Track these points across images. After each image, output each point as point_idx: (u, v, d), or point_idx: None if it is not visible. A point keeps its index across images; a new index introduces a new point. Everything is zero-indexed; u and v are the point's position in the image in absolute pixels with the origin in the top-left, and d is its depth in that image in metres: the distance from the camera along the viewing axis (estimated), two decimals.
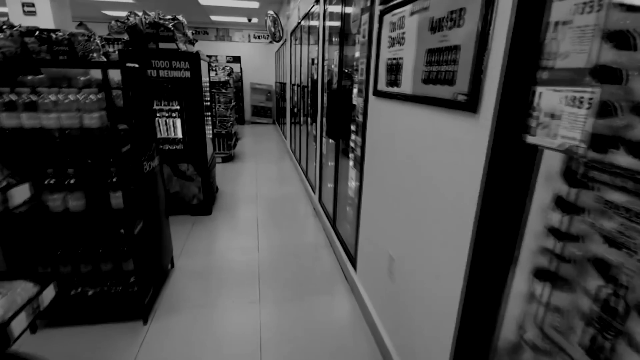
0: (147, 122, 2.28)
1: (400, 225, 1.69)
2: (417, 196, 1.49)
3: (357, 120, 2.37)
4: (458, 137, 1.18)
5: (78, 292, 2.16)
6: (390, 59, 1.72)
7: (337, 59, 2.82)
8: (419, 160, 1.47)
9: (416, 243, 1.52)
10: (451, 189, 1.23)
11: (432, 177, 1.36)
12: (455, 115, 1.20)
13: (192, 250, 3.10)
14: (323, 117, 3.55)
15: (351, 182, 3.16)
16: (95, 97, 1.90)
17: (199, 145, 3.67)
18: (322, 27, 3.42)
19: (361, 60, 2.23)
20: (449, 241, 1.25)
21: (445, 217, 1.27)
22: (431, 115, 1.36)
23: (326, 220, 3.47)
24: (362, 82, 2.21)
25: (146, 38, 3.30)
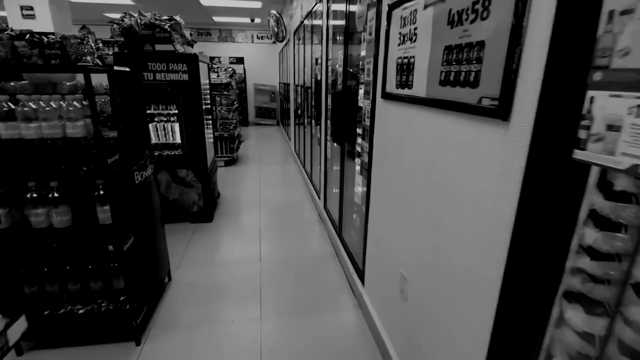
0: (139, 129, 2.14)
1: (413, 244, 1.52)
2: (434, 214, 1.32)
3: (363, 124, 2.21)
4: (483, 149, 1.01)
5: (67, 311, 2.02)
6: (400, 58, 1.55)
7: (342, 58, 2.65)
8: (436, 173, 1.30)
9: (433, 265, 1.34)
10: (475, 206, 1.06)
11: (452, 193, 1.19)
12: (479, 123, 1.02)
13: (191, 261, 2.96)
14: (327, 120, 3.39)
15: (358, 188, 2.99)
16: (80, 103, 1.75)
17: (199, 151, 3.53)
18: (326, 25, 3.25)
19: (367, 59, 2.06)
20: (475, 267, 1.08)
21: (472, 241, 1.09)
22: (449, 122, 1.19)
23: (332, 228, 3.31)
24: (369, 83, 2.04)
25: (142, 40, 3.17)
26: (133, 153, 1.99)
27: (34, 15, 5.64)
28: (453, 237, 1.19)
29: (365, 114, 2.16)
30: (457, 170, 1.15)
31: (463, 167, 1.12)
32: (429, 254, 1.37)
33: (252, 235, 3.45)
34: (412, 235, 1.53)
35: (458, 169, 1.15)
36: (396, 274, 1.72)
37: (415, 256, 1.51)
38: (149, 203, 2.24)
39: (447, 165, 1.21)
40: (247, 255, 3.05)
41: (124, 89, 1.97)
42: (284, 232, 3.56)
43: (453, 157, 1.17)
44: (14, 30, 2.68)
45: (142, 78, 3.22)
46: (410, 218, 1.54)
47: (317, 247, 3.24)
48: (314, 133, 4.51)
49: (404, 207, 1.61)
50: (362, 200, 3.04)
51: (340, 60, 2.71)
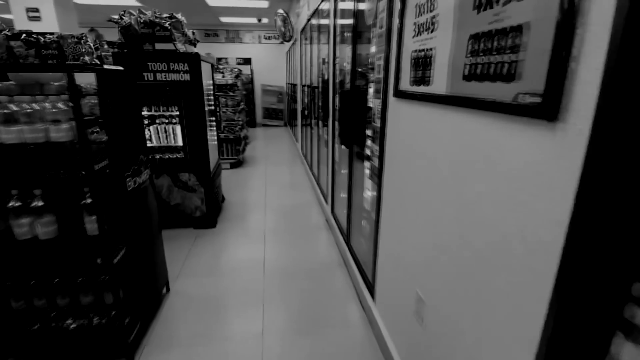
0: (133, 132, 2.00)
1: (432, 265, 1.34)
2: (457, 231, 1.14)
3: (373, 125, 2.03)
4: (521, 157, 0.83)
5: (57, 326, 1.89)
6: (416, 52, 1.37)
7: (350, 56, 2.48)
8: (459, 184, 1.12)
9: (458, 292, 1.16)
10: (511, 231, 0.88)
11: (481, 209, 1.01)
12: (515, 125, 0.85)
13: (192, 270, 2.82)
14: (335, 121, 3.22)
15: (367, 193, 2.82)
16: (66, 105, 1.62)
17: (201, 154, 3.40)
18: (333, 22, 3.09)
19: (378, 55, 1.89)
20: (512, 298, 0.90)
21: (507, 267, 0.91)
22: (476, 123, 1.01)
23: (339, 235, 3.14)
24: (380, 81, 1.87)
25: (141, 39, 3.05)
26: (125, 158, 1.85)
27: (39, 17, 5.60)
28: (483, 266, 1.01)
29: (375, 114, 1.99)
30: (487, 182, 0.97)
31: (494, 179, 0.94)
32: (453, 280, 1.19)
33: (257, 242, 3.30)
34: (430, 255, 1.35)
35: (487, 180, 0.97)
36: (411, 293, 1.54)
37: (434, 279, 1.33)
38: (144, 211, 2.10)
39: (475, 176, 1.03)
40: (250, 265, 2.90)
41: (116, 90, 1.83)
42: (290, 239, 3.40)
43: (481, 165, 1.00)
44: (9, 29, 2.58)
45: (142, 78, 3.10)
46: (428, 235, 1.36)
47: (323, 256, 3.07)
48: (321, 134, 4.34)
49: (419, 221, 1.43)
50: (371, 206, 2.86)
51: (349, 58, 2.54)
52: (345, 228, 2.92)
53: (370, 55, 2.36)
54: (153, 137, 3.37)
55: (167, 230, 3.50)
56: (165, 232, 3.48)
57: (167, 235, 3.41)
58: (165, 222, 3.53)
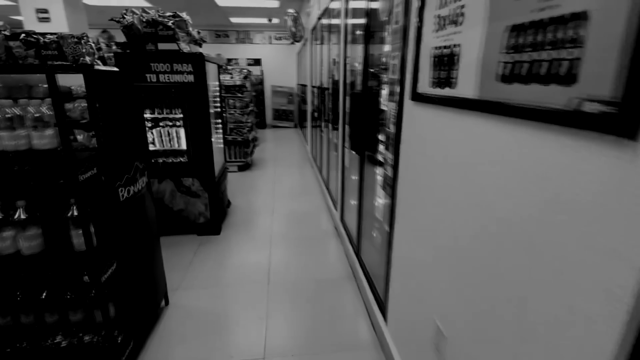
0: (128, 137, 1.87)
1: (454, 293, 1.16)
2: (487, 269, 0.96)
3: (387, 130, 1.85)
4: (586, 185, 0.64)
5: (48, 345, 1.77)
6: (438, 49, 1.19)
7: (362, 55, 2.31)
8: (494, 206, 0.93)
9: (489, 332, 0.98)
10: (574, 270, 0.69)
11: (526, 242, 0.82)
12: (576, 141, 0.66)
13: (194, 280, 2.68)
14: (345, 124, 3.05)
15: (378, 201, 2.64)
16: (50, 110, 1.49)
17: (205, 158, 3.26)
18: (344, 20, 2.92)
19: (393, 54, 1.71)
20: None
21: (568, 324, 0.73)
22: (517, 136, 0.83)
23: (349, 245, 2.96)
24: (395, 82, 1.69)
25: (144, 38, 2.93)
26: (117, 166, 1.72)
27: (49, 18, 5.59)
28: (528, 320, 0.83)
29: (389, 118, 1.81)
30: (532, 208, 0.79)
31: (544, 205, 0.75)
32: (480, 319, 1.01)
33: (262, 251, 3.14)
34: (453, 286, 1.17)
35: (533, 206, 0.78)
36: (428, 321, 1.35)
37: (456, 312, 1.15)
38: (139, 222, 1.96)
39: (517, 197, 0.85)
40: (254, 276, 2.74)
41: (109, 92, 1.70)
42: (297, 248, 3.24)
43: (526, 186, 0.81)
44: (7, 29, 2.49)
45: (145, 80, 2.98)
46: (450, 264, 1.18)
47: (332, 267, 2.89)
48: (330, 138, 4.17)
49: (440, 245, 1.25)
50: (384, 217, 2.67)
51: (360, 58, 2.37)
52: (356, 238, 2.74)
53: (384, 55, 2.18)
54: (156, 140, 3.25)
55: (170, 237, 3.38)
56: (168, 239, 3.38)
57: (169, 242, 3.30)
58: (168, 228, 3.42)
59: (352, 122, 2.53)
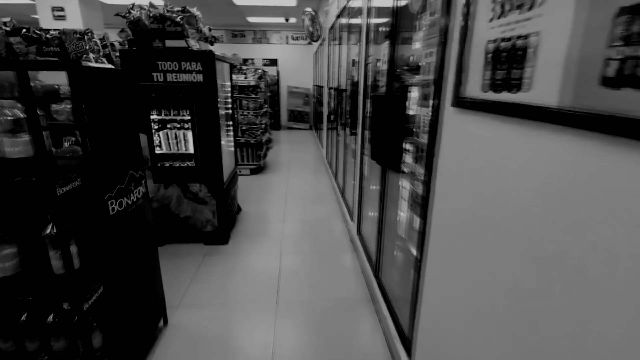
0: (122, 143, 1.66)
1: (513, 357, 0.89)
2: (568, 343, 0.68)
3: (417, 140, 1.59)
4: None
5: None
6: (496, 42, 0.92)
7: (387, 53, 2.05)
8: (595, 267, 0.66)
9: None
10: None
11: None
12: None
13: (196, 297, 2.47)
14: (365, 130, 2.79)
15: (402, 216, 2.37)
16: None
17: (214, 162, 3.06)
18: (366, 15, 2.66)
19: (428, 51, 1.45)
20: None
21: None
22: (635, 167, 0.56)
23: (366, 263, 2.69)
24: (429, 84, 1.42)
25: (150, 35, 2.74)
26: (107, 175, 1.51)
27: (64, 16, 5.53)
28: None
29: (420, 127, 1.54)
30: None
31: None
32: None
33: (271, 265, 2.91)
34: (510, 350, 0.89)
35: None
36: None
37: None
38: (133, 237, 1.75)
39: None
40: (262, 295, 2.51)
41: (101, 93, 1.49)
42: (309, 263, 2.99)
43: None
44: (7, 24, 2.36)
45: (151, 79, 2.79)
46: (506, 320, 0.90)
47: (347, 287, 2.63)
48: (347, 143, 3.91)
49: (495, 299, 0.98)
50: (408, 234, 2.40)
51: (385, 57, 2.10)
52: (375, 256, 2.47)
53: (414, 54, 1.91)
54: (163, 143, 3.07)
55: (175, 245, 3.19)
56: (173, 247, 3.19)
57: (173, 251, 3.11)
58: (173, 235, 3.23)
59: (374, 128, 2.27)
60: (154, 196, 3.09)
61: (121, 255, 1.63)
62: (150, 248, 1.96)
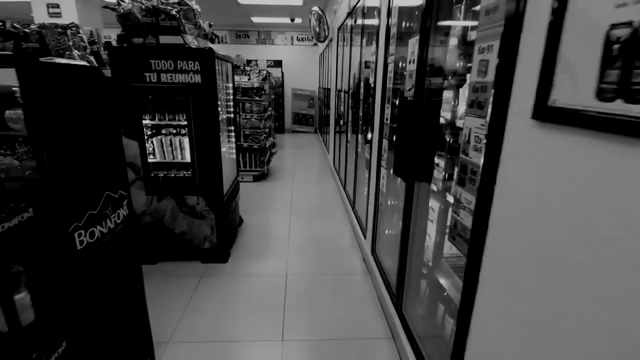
0: (99, 157, 1.35)
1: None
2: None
3: (465, 158, 1.26)
4: None
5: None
6: (627, 27, 0.60)
7: (416, 52, 1.73)
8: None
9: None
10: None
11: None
12: None
13: (190, 330, 2.15)
14: (383, 138, 2.47)
15: (430, 244, 2.04)
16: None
17: (213, 172, 2.75)
18: (387, 8, 2.34)
19: (483, 44, 1.13)
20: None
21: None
22: None
23: (384, 291, 2.36)
24: (485, 87, 1.10)
25: (143, 30, 2.44)
26: (73, 201, 1.20)
27: (60, 13, 5.27)
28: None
29: (470, 142, 1.22)
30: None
31: None
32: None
33: (276, 290, 2.59)
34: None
35: None
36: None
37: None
38: (110, 272, 1.44)
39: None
40: (266, 330, 2.18)
41: (66, 96, 1.18)
42: (318, 287, 2.66)
43: None
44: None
45: (143, 79, 2.49)
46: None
47: (362, 320, 2.30)
48: (360, 151, 3.59)
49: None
50: (435, 262, 2.08)
51: (414, 56, 1.78)
52: (395, 285, 2.15)
53: (456, 50, 1.60)
54: (156, 151, 2.76)
55: (169, 264, 2.88)
56: (166, 266, 2.88)
57: (167, 271, 2.79)
58: (167, 253, 2.92)
59: (400, 138, 1.95)
60: (146, 209, 2.78)
61: (92, 298, 1.32)
62: (134, 282, 1.65)
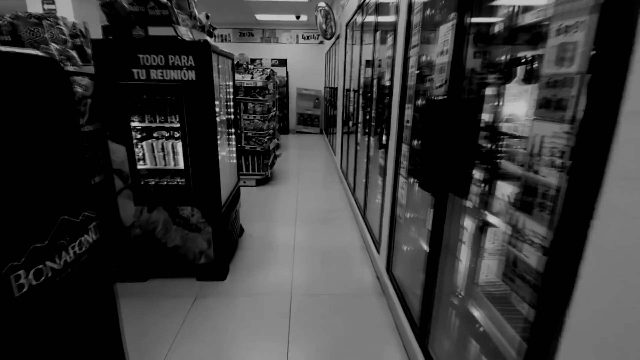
0: (51, 172, 1.06)
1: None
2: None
3: (531, 177, 0.95)
4: None
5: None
6: None
7: (451, 37, 1.41)
8: None
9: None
10: None
11: None
12: None
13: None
14: (402, 143, 2.16)
15: (462, 269, 1.72)
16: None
17: (209, 180, 2.46)
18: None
19: (561, 24, 0.82)
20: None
21: None
22: None
23: (403, 320, 2.05)
24: (566, 80, 0.79)
25: (130, 20, 2.15)
26: (9, 231, 0.90)
27: (55, 10, 5.01)
28: None
29: (541, 155, 0.91)
30: None
31: None
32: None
33: (279, 314, 2.29)
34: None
35: None
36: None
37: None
38: (69, 319, 1.14)
39: None
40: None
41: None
42: (326, 312, 2.35)
43: None
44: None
45: (131, 76, 2.20)
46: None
47: (377, 352, 2.00)
48: (372, 156, 3.28)
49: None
50: (467, 290, 1.76)
51: (447, 43, 1.47)
52: (418, 315, 1.83)
53: (503, 35, 1.28)
54: (147, 156, 2.47)
55: (161, 281, 2.60)
56: (158, 284, 2.57)
57: (158, 290, 2.50)
58: (159, 268, 2.64)
59: (427, 145, 1.63)
60: (135, 221, 2.50)
61: (41, 355, 1.02)
62: (105, 323, 1.35)
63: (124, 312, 2.27)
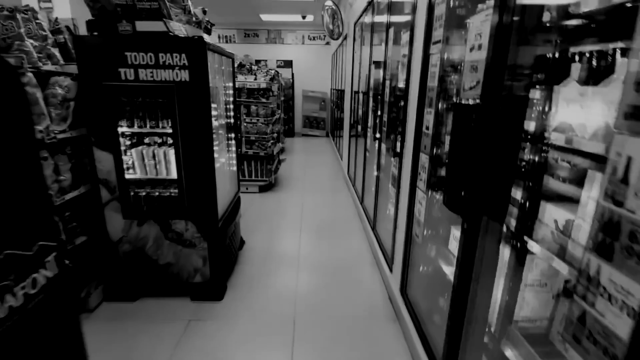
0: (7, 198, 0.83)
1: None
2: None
3: (618, 212, 0.69)
4: None
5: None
6: None
7: (487, 30, 1.17)
8: None
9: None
10: None
11: None
12: None
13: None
14: (420, 152, 1.91)
15: (495, 303, 1.47)
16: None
17: (205, 191, 2.23)
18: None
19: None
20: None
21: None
22: None
23: (422, 354, 1.80)
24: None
25: (117, 14, 1.94)
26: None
27: (51, 8, 4.85)
28: None
29: (629, 183, 0.65)
30: None
31: None
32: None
33: (281, 342, 2.04)
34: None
35: None
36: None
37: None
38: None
39: None
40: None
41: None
42: (333, 338, 2.11)
43: None
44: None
45: (117, 77, 1.99)
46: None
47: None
48: (383, 165, 3.03)
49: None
50: (501, 331, 1.50)
51: (479, 37, 1.23)
52: (443, 355, 1.58)
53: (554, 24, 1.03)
54: (136, 165, 2.25)
55: (152, 301, 2.38)
56: (148, 304, 2.32)
57: (148, 311, 2.26)
58: (150, 287, 2.42)
59: (455, 157, 1.38)
60: (124, 236, 2.28)
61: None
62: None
63: (110, 335, 2.06)
